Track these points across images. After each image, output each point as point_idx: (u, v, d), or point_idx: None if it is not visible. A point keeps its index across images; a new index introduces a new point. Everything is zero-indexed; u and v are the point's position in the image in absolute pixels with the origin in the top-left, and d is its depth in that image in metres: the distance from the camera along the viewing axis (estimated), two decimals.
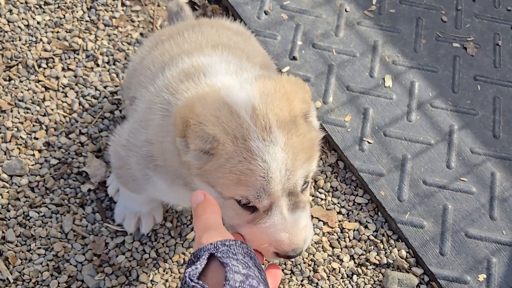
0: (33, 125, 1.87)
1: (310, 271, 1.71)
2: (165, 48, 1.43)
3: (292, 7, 2.12)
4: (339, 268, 1.72)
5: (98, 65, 2.01)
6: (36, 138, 1.85)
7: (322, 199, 1.82)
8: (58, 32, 2.06)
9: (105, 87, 1.96)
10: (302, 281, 1.70)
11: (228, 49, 1.34)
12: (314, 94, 1.93)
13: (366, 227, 1.79)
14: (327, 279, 1.70)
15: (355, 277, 1.71)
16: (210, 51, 1.32)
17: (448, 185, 1.81)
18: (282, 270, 1.71)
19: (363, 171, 1.81)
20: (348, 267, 1.73)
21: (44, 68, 1.98)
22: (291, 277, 1.70)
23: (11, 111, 1.88)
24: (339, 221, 1.80)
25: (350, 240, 1.77)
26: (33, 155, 1.82)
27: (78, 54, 2.02)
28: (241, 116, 1.01)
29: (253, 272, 0.81)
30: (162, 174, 1.25)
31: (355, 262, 1.74)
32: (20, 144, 1.83)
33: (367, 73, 2.00)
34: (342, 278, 1.71)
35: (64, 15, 2.10)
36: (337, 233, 1.78)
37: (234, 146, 1.00)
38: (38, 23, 2.07)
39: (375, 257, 1.74)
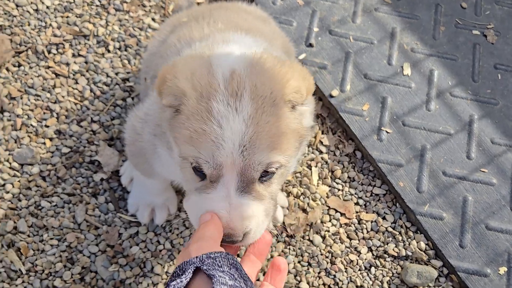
0: (44, 113, 1.83)
1: (327, 263, 1.68)
2: (192, 27, 1.39)
3: None
4: (357, 260, 1.69)
5: (109, 51, 1.96)
6: (47, 126, 1.81)
7: (339, 190, 1.79)
8: (68, 17, 2.01)
9: (116, 74, 1.91)
10: (319, 273, 1.67)
11: (255, 33, 1.32)
12: (331, 82, 1.89)
13: (384, 218, 1.76)
14: (345, 271, 1.68)
15: (373, 269, 1.68)
16: (244, 32, 1.31)
17: (468, 176, 1.77)
18: (299, 262, 1.68)
19: (381, 162, 1.78)
20: (366, 259, 1.70)
21: (54, 54, 1.93)
22: (308, 269, 1.67)
23: (21, 98, 1.83)
24: (357, 212, 1.76)
25: (367, 232, 1.74)
26: (44, 143, 1.78)
27: (88, 40, 1.97)
28: (215, 76, 0.99)
29: (239, 283, 0.81)
30: (164, 140, 1.22)
31: (373, 254, 1.71)
32: (31, 132, 1.79)
33: (385, 60, 1.95)
34: (360, 270, 1.68)
35: None
36: (354, 224, 1.75)
37: (197, 104, 0.97)
38: (47, 7, 2.01)
39: (393, 249, 1.71)
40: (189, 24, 1.44)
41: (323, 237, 1.72)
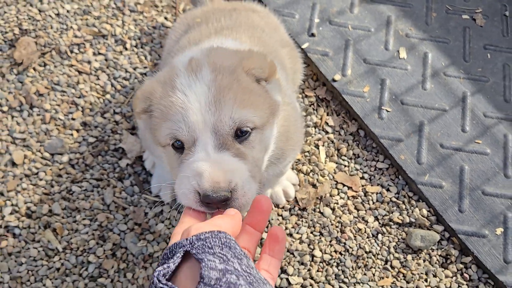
0: (70, 107, 1.98)
1: (337, 232, 1.83)
2: (202, 31, 1.54)
3: None
4: (365, 228, 1.84)
5: (126, 49, 2.12)
6: (73, 119, 1.96)
7: (345, 166, 1.93)
8: (87, 19, 2.17)
9: (134, 69, 2.07)
10: (330, 241, 1.81)
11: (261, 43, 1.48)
12: (333, 67, 2.04)
13: (388, 190, 1.90)
14: (354, 239, 1.82)
15: (380, 236, 1.82)
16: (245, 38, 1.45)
17: (464, 147, 1.91)
18: (311, 232, 1.82)
19: (383, 138, 1.92)
20: (373, 227, 1.84)
21: (76, 53, 2.09)
22: (320, 238, 1.81)
23: (48, 95, 1.99)
24: (363, 186, 1.91)
25: (373, 203, 1.88)
26: (72, 134, 1.93)
27: (107, 39, 2.13)
28: (176, 67, 1.13)
29: (232, 265, 0.76)
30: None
31: (379, 223, 1.85)
32: (59, 125, 1.94)
33: (382, 46, 2.11)
34: (368, 237, 1.83)
35: (91, 3, 2.20)
36: (361, 196, 1.89)
37: (163, 89, 1.10)
38: (67, 11, 2.18)
39: (398, 217, 1.85)
40: (200, 28, 1.58)
41: (333, 209, 1.86)
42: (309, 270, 1.76)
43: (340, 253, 1.80)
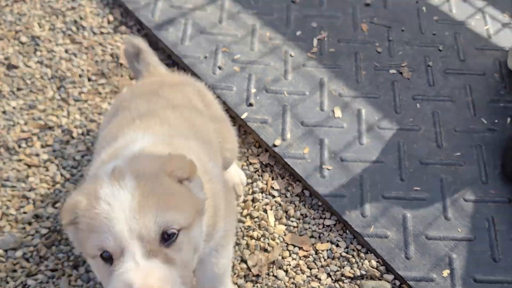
0: (21, 201, 2.02)
1: None
2: (122, 121, 1.51)
3: (242, 60, 2.36)
4: (319, 286, 1.88)
5: (73, 138, 2.19)
6: (25, 213, 2.00)
7: (294, 227, 2.00)
8: (33, 113, 2.24)
9: (82, 156, 2.14)
10: None
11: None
12: (273, 133, 2.13)
13: (337, 245, 1.96)
14: None
15: None
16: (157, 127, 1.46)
17: (404, 196, 2.00)
18: None
19: (326, 196, 2.00)
20: (326, 284, 1.88)
21: (24, 148, 2.15)
22: None
23: None
24: (313, 244, 1.96)
25: (325, 260, 1.93)
26: (24, 228, 1.97)
27: (54, 131, 2.20)
28: (99, 177, 1.15)
29: None
30: None
31: (332, 279, 1.90)
32: (11, 220, 1.98)
33: (318, 108, 2.22)
34: None
35: (36, 97, 2.29)
36: (312, 255, 1.94)
37: (88, 201, 1.11)
38: (13, 108, 2.25)
39: (349, 271, 1.90)
40: (121, 116, 1.55)
41: (286, 271, 1.91)
42: None
43: None
